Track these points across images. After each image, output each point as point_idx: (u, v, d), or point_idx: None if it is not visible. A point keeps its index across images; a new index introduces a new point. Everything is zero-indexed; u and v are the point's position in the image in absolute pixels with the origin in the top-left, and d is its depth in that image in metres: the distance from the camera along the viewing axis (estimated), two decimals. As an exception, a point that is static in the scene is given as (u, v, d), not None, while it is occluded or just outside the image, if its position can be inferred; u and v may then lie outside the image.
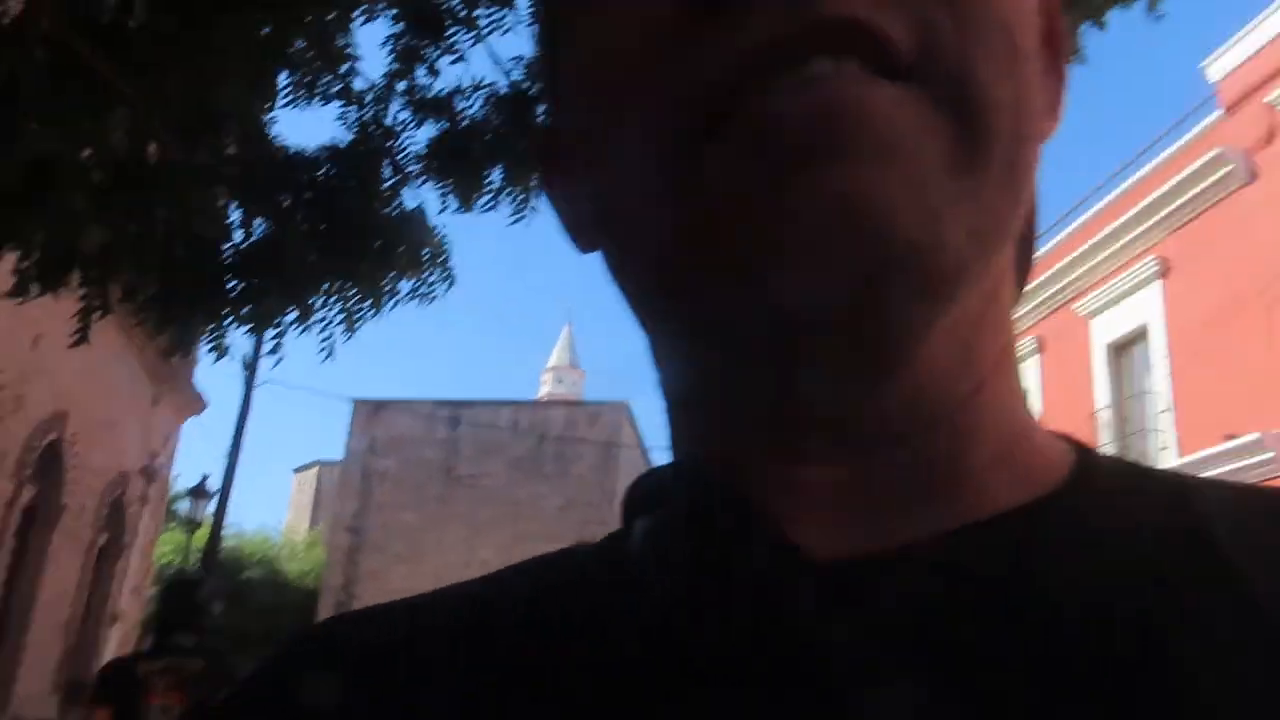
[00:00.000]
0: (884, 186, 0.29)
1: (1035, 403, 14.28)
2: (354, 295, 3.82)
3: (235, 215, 3.87)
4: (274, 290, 3.58)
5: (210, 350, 3.75)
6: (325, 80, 3.75)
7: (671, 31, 0.32)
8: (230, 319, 3.61)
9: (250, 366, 12.97)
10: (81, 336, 3.68)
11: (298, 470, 38.84)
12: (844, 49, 0.30)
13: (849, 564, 0.32)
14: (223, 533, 14.25)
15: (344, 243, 3.75)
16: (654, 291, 0.36)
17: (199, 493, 14.77)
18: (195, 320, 3.65)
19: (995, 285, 0.35)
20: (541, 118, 3.83)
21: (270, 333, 3.73)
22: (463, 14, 3.71)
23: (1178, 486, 0.37)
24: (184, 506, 16.25)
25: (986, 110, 0.31)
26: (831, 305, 0.30)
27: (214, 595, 3.87)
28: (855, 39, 0.30)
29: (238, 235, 3.88)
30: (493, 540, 23.61)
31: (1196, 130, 12.00)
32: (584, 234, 0.41)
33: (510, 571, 0.42)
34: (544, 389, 47.20)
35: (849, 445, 0.34)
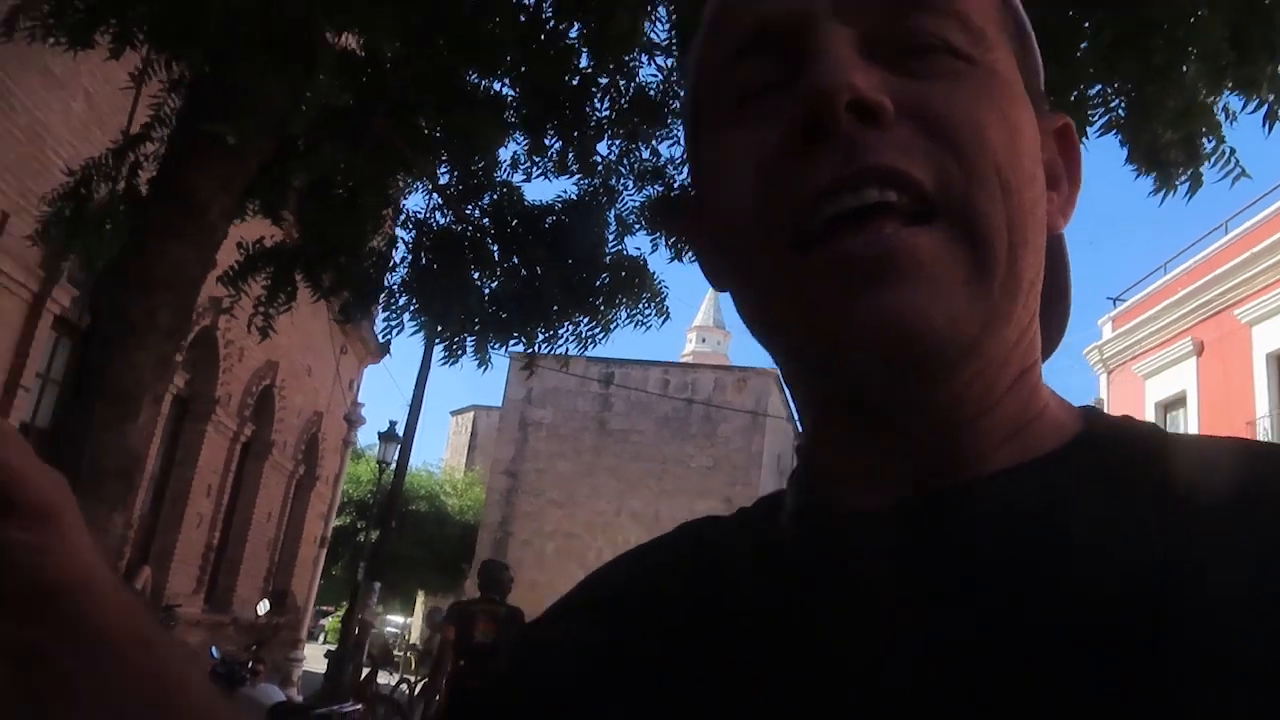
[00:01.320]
0: (920, 303, 0.43)
1: (1191, 405, 13.99)
2: (586, 322, 4.81)
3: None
4: (535, 319, 4.64)
5: (479, 364, 4.83)
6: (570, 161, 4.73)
7: (771, 165, 0.46)
8: (497, 341, 4.69)
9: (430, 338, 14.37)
10: (385, 348, 4.83)
11: (455, 413, 40.53)
12: (886, 184, 0.44)
13: (873, 514, 0.47)
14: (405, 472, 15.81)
15: (579, 280, 4.73)
16: (770, 345, 0.50)
17: (388, 437, 16.36)
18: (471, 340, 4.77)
19: (1015, 337, 0.48)
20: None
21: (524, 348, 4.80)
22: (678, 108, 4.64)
23: (1164, 445, 0.47)
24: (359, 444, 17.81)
25: (987, 236, 0.45)
26: (886, 381, 0.45)
27: (508, 570, 6.36)
28: (892, 177, 0.44)
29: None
30: (641, 493, 24.85)
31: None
32: (717, 281, 0.56)
33: (681, 529, 0.60)
34: (689, 346, 47.78)
35: (903, 443, 0.48)
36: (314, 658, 15.79)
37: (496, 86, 4.54)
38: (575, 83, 4.10)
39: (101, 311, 3.51)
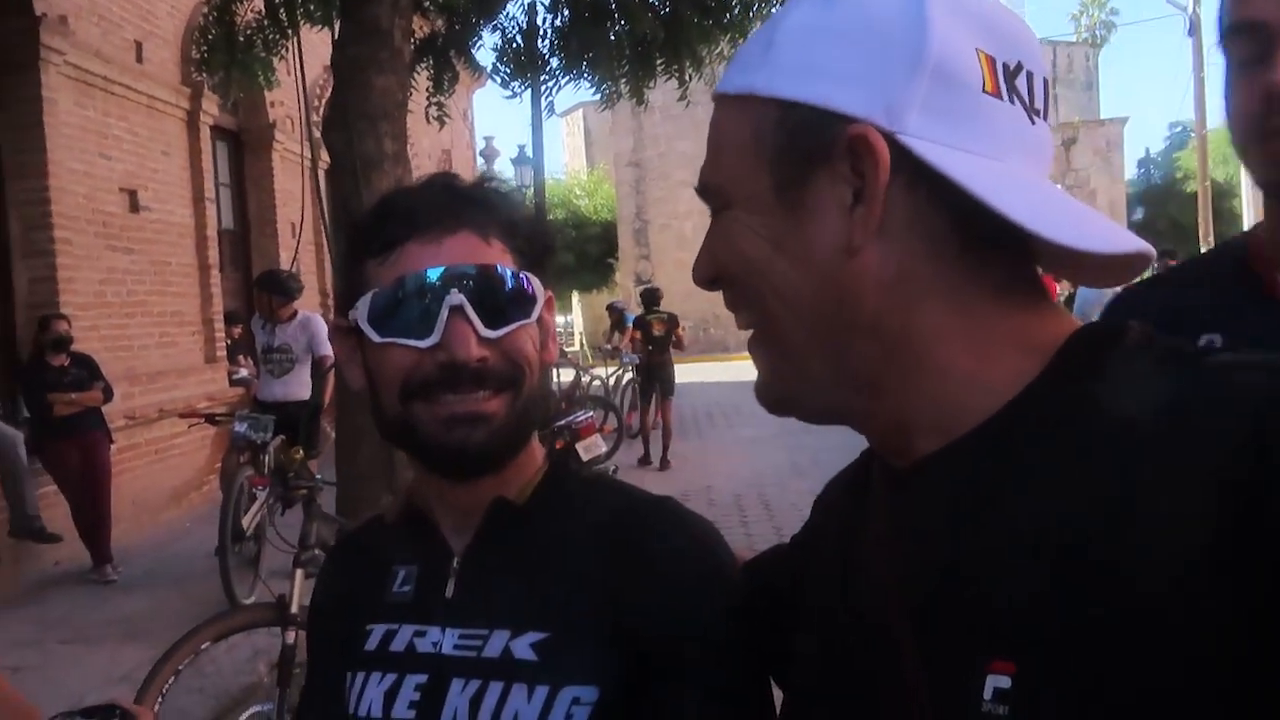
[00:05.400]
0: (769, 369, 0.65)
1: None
2: (729, 40, 5.07)
3: None
4: (683, 56, 4.98)
5: (637, 102, 5.22)
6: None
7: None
8: (648, 80, 5.03)
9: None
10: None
11: (563, 114, 40.35)
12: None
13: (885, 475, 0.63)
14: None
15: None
16: None
17: (522, 161, 16.81)
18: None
19: (847, 364, 0.59)
20: None
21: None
22: None
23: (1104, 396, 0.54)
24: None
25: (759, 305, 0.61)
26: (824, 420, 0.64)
27: (659, 290, 9.80)
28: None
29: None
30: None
31: None
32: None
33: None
34: None
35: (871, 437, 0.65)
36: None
37: None
38: None
39: (337, 150, 4.03)
